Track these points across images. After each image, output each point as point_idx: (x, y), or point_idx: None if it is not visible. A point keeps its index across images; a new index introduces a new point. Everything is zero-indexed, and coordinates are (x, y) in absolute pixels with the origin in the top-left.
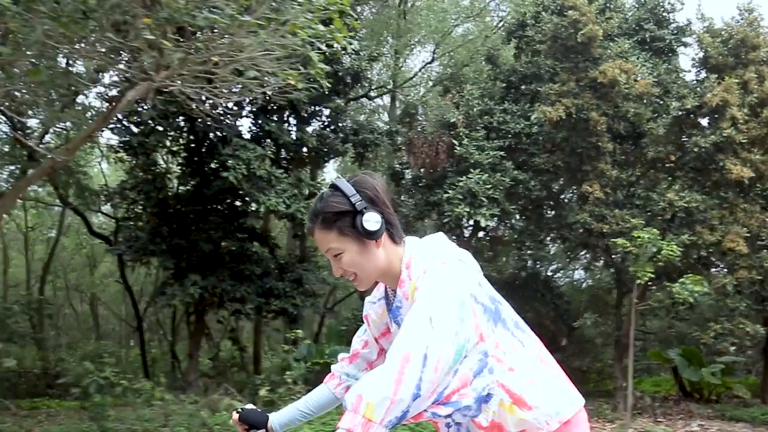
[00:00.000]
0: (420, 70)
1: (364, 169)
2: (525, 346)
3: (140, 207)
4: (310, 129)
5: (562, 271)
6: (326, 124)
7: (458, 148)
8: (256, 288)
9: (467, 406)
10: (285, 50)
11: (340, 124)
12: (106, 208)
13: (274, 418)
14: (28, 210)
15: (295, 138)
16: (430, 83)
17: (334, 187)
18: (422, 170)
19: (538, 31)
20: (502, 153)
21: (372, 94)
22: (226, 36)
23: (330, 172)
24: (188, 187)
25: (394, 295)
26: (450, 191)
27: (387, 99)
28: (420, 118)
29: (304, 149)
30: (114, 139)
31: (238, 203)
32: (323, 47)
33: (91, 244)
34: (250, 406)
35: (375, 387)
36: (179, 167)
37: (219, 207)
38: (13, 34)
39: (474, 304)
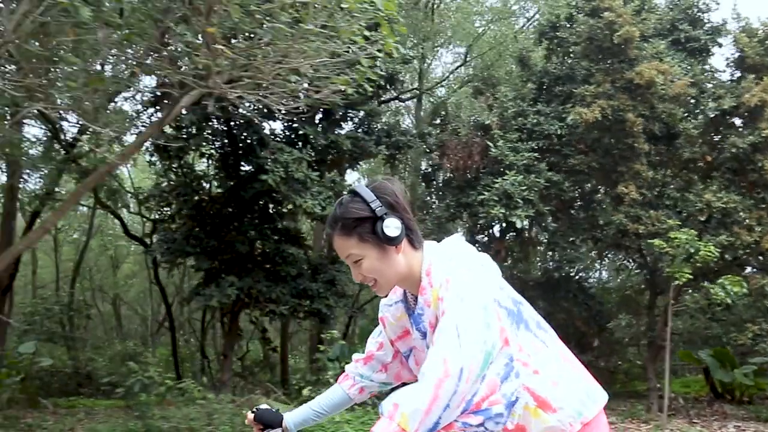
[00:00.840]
0: (452, 71)
1: (394, 171)
2: (548, 346)
3: (176, 209)
4: (343, 131)
5: (590, 272)
6: (359, 126)
7: (493, 150)
8: (290, 289)
9: (499, 414)
10: (338, 56)
11: (372, 127)
12: (133, 208)
13: (289, 418)
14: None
15: (329, 140)
16: (458, 85)
17: (353, 192)
18: (453, 172)
19: (572, 32)
20: (536, 154)
21: (402, 96)
22: (281, 43)
23: (352, 174)
24: (223, 190)
25: (415, 301)
26: (485, 193)
27: (410, 101)
28: (451, 120)
29: (337, 152)
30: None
31: (271, 205)
32: (376, 53)
33: (115, 245)
34: (264, 406)
35: (412, 399)
36: (214, 170)
37: (254, 209)
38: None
39: (498, 308)
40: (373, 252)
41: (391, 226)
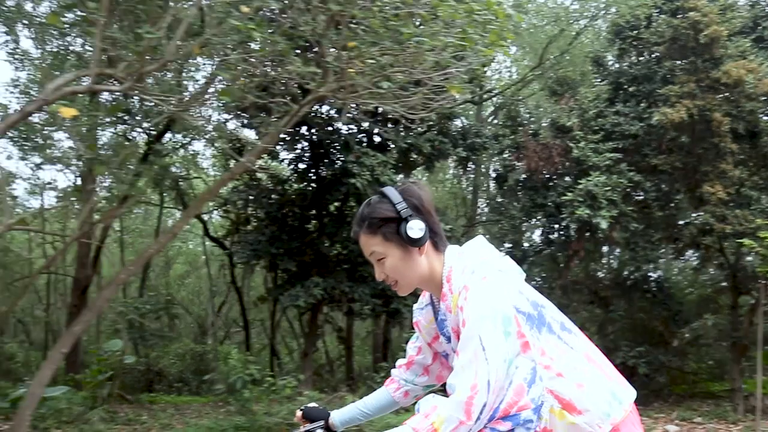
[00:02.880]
0: (529, 72)
1: (468, 172)
2: (573, 348)
3: (255, 211)
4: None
5: (668, 272)
6: (437, 129)
7: (576, 151)
8: (370, 289)
9: (528, 420)
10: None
11: (447, 129)
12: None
13: (335, 415)
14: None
15: (409, 143)
16: (530, 86)
17: (381, 194)
18: (528, 173)
19: (652, 32)
20: (618, 155)
21: (477, 99)
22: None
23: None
24: (305, 192)
25: (439, 305)
26: (569, 194)
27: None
28: (525, 122)
29: (416, 154)
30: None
31: (354, 206)
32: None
33: (170, 246)
34: (312, 404)
35: (449, 407)
36: (294, 173)
37: (334, 211)
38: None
39: (516, 314)
40: (396, 252)
41: (415, 228)
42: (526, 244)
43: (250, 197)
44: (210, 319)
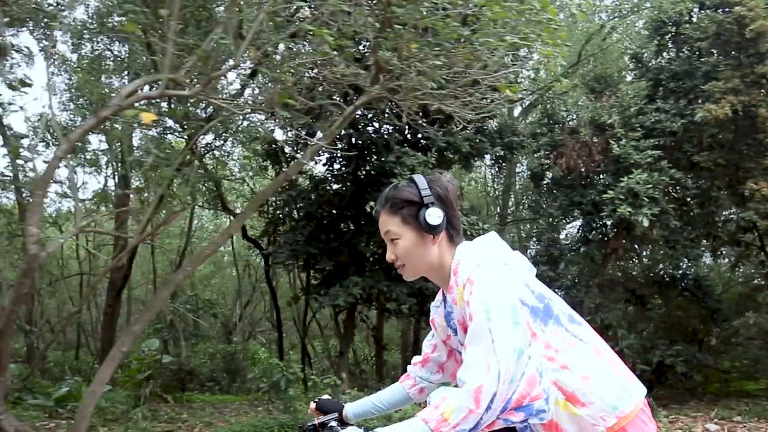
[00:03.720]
0: (568, 70)
1: (504, 171)
2: (582, 340)
3: (291, 212)
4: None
5: (706, 270)
6: (474, 128)
7: (616, 149)
8: (408, 289)
9: (542, 410)
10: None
11: (484, 127)
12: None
13: (349, 408)
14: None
15: (447, 142)
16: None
17: (410, 180)
18: (565, 171)
19: (695, 28)
20: (659, 152)
21: (517, 97)
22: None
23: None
24: (343, 192)
25: (447, 297)
26: (610, 191)
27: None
28: (561, 119)
29: (454, 153)
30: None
31: None
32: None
33: (195, 247)
34: (326, 396)
35: (458, 397)
36: (331, 173)
37: (371, 211)
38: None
39: (521, 307)
40: (411, 235)
41: (433, 215)
42: (563, 242)
43: (289, 197)
44: (235, 319)
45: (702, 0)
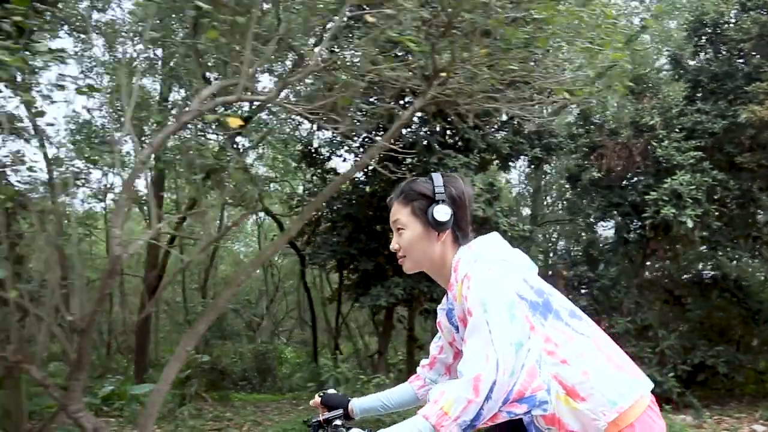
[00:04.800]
0: (607, 71)
1: (540, 172)
2: (583, 335)
3: (331, 212)
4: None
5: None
6: (511, 129)
7: (659, 150)
8: None
9: (544, 401)
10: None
11: (521, 128)
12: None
13: (356, 402)
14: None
15: (487, 144)
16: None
17: (428, 176)
18: (602, 172)
19: (737, 29)
20: (701, 153)
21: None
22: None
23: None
24: (379, 193)
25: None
26: (652, 193)
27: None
28: (598, 120)
29: (493, 154)
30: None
31: None
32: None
33: (214, 246)
34: (331, 391)
35: (456, 388)
36: (364, 174)
37: None
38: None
39: (519, 301)
40: (417, 228)
41: (441, 212)
42: (601, 244)
43: (335, 198)
44: (258, 319)
45: (743, 1)
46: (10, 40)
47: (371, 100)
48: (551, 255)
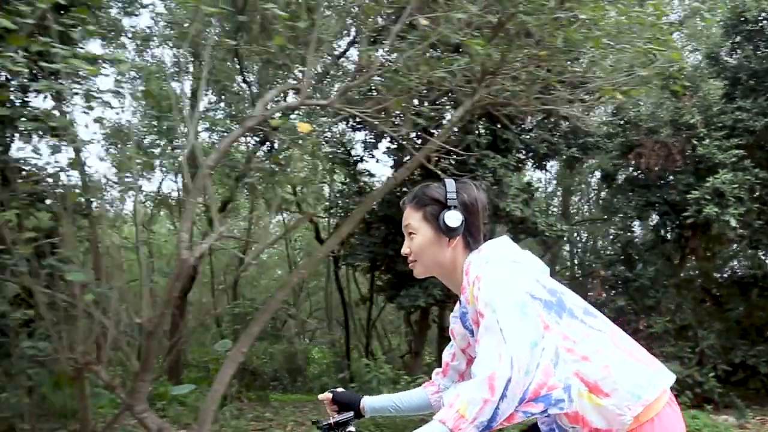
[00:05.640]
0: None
1: (576, 171)
2: (600, 331)
3: (368, 214)
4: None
5: None
6: (547, 129)
7: (700, 149)
8: None
9: (560, 399)
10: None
11: (557, 128)
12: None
13: (367, 401)
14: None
15: (524, 144)
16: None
17: (442, 182)
18: (643, 171)
19: None
20: (743, 152)
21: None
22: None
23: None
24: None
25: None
26: (694, 192)
27: None
28: (635, 119)
29: (531, 154)
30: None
31: None
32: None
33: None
34: (341, 389)
35: (471, 389)
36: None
37: None
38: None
39: (532, 300)
40: (428, 233)
41: (452, 218)
42: (637, 242)
43: (362, 200)
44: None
45: None
46: (63, 47)
47: (415, 102)
48: (588, 254)
